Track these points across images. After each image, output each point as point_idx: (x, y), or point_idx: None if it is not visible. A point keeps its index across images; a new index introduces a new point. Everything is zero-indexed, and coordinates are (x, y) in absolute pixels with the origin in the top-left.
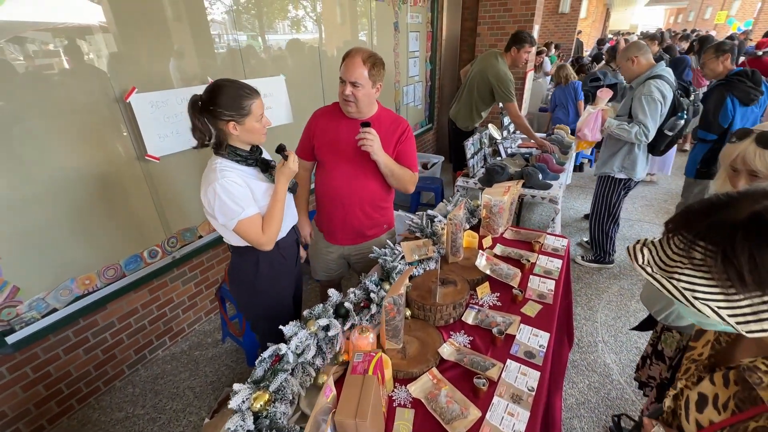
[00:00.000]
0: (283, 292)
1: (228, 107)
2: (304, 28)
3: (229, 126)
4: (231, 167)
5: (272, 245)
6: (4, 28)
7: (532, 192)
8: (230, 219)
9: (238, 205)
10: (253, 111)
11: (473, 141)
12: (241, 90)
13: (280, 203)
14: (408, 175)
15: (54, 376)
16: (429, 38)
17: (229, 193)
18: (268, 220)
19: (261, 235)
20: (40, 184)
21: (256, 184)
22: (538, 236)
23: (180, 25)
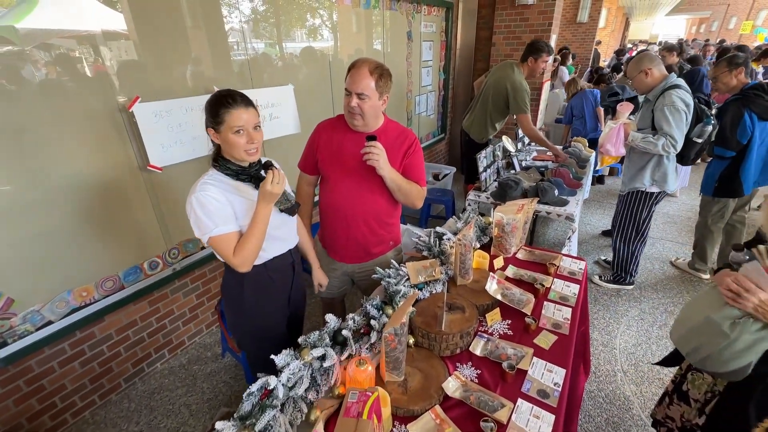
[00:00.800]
0: (272, 315)
1: (208, 112)
2: (317, 37)
3: (210, 132)
4: (217, 180)
5: (246, 267)
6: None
7: (547, 208)
8: (202, 233)
9: (211, 220)
10: (226, 120)
11: (486, 154)
12: (224, 98)
13: (257, 226)
14: (416, 191)
15: (48, 389)
16: (443, 47)
17: (204, 207)
18: (242, 242)
19: (232, 256)
20: (37, 192)
21: (240, 202)
22: (553, 258)
23: (187, 35)
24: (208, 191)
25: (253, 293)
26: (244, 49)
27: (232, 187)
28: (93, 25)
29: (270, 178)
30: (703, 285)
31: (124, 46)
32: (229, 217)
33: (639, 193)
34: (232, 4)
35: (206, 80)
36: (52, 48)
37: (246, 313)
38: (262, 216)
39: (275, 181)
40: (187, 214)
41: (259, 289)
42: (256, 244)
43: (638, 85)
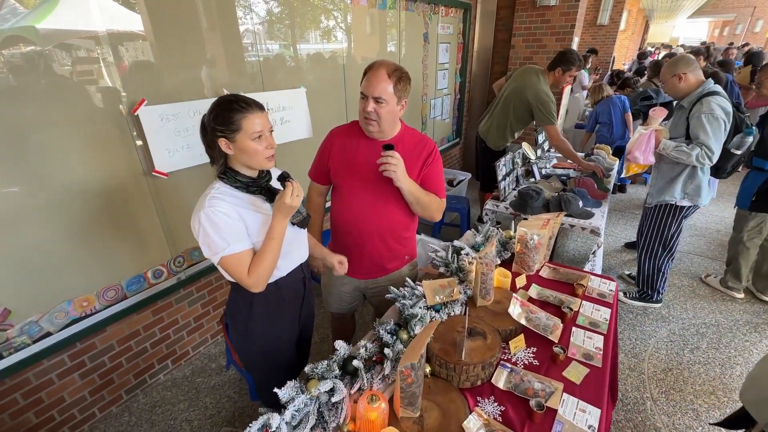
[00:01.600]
0: (281, 337)
1: (218, 121)
2: (331, 38)
3: (222, 143)
4: (226, 194)
5: (261, 287)
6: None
7: (571, 221)
8: (213, 253)
9: (223, 239)
10: (243, 127)
11: (505, 161)
12: (235, 103)
13: (273, 242)
14: (435, 203)
15: (46, 402)
16: (460, 50)
17: (214, 224)
18: (257, 260)
19: (246, 276)
20: (37, 198)
21: (253, 217)
22: (580, 277)
23: (201, 37)
24: (218, 207)
25: (263, 314)
26: (256, 51)
27: (243, 201)
28: (107, 26)
29: (289, 190)
30: (736, 304)
31: (135, 47)
32: (241, 235)
33: (668, 206)
34: (246, 6)
35: (216, 83)
36: (72, 48)
37: (254, 334)
38: (278, 231)
39: (295, 194)
40: (193, 232)
41: (269, 310)
42: (272, 262)
43: (671, 90)
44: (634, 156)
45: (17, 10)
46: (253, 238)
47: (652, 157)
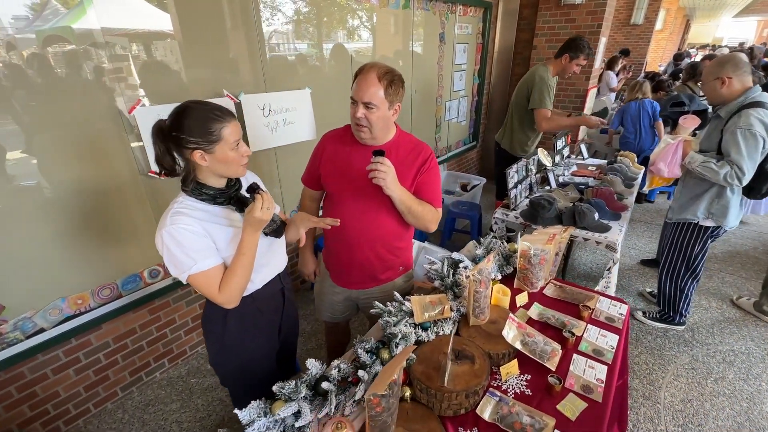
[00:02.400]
0: (259, 351)
1: (193, 132)
2: (337, 38)
3: (196, 156)
4: (190, 208)
5: (234, 304)
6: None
7: (585, 234)
8: (180, 272)
9: (189, 256)
10: (224, 137)
11: (518, 168)
12: (210, 112)
13: (244, 257)
14: (429, 213)
15: (40, 396)
16: (479, 50)
17: (178, 242)
18: (228, 276)
19: (217, 294)
20: (31, 196)
21: (221, 231)
22: (588, 297)
23: (208, 38)
24: (181, 223)
25: (238, 328)
26: (259, 52)
27: (209, 215)
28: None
29: (259, 203)
30: None
31: (133, 48)
32: (209, 250)
33: (689, 224)
34: (262, 6)
35: (215, 82)
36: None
37: (230, 349)
38: (249, 245)
39: (265, 206)
40: (159, 250)
41: (245, 324)
42: (244, 277)
43: (710, 95)
44: (657, 167)
45: (59, 10)
46: (223, 252)
47: (678, 170)
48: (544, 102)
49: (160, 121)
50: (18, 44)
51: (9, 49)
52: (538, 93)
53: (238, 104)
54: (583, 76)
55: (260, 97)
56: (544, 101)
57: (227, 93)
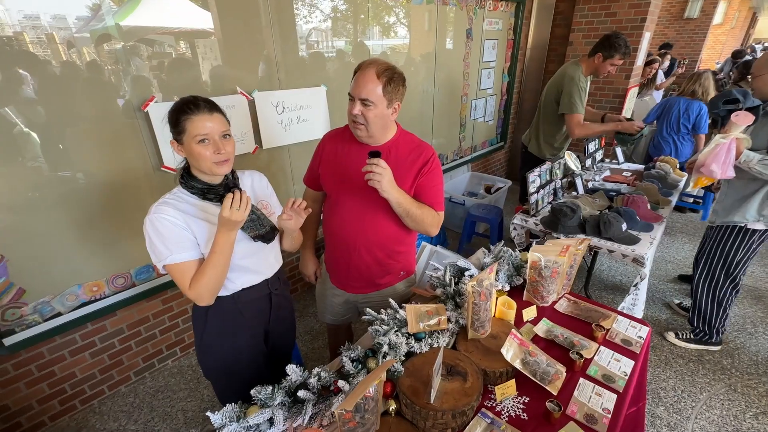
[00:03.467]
0: (240, 352)
1: (170, 122)
2: (355, 34)
3: (174, 145)
4: (179, 200)
5: (204, 302)
6: (130, 32)
7: (610, 245)
8: (157, 261)
9: (166, 246)
10: (187, 129)
11: (541, 172)
12: (185, 104)
13: (215, 255)
14: (429, 217)
15: (58, 375)
16: (509, 47)
17: (157, 231)
18: (200, 273)
19: (187, 288)
20: (52, 187)
21: (203, 227)
22: (603, 316)
23: (235, 33)
24: (164, 213)
25: (218, 328)
26: (273, 49)
27: (196, 209)
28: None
29: (228, 202)
30: None
31: (142, 44)
32: (186, 243)
33: (737, 228)
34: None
35: (229, 80)
36: (155, 43)
37: (210, 347)
38: (220, 245)
39: (234, 206)
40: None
41: (225, 324)
42: (216, 277)
43: (762, 89)
44: (710, 170)
45: (113, 9)
46: (203, 249)
47: (732, 171)
48: (575, 106)
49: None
50: (77, 43)
51: (69, 47)
52: (568, 96)
53: (252, 101)
54: (622, 74)
55: (275, 95)
56: (575, 105)
57: (240, 90)
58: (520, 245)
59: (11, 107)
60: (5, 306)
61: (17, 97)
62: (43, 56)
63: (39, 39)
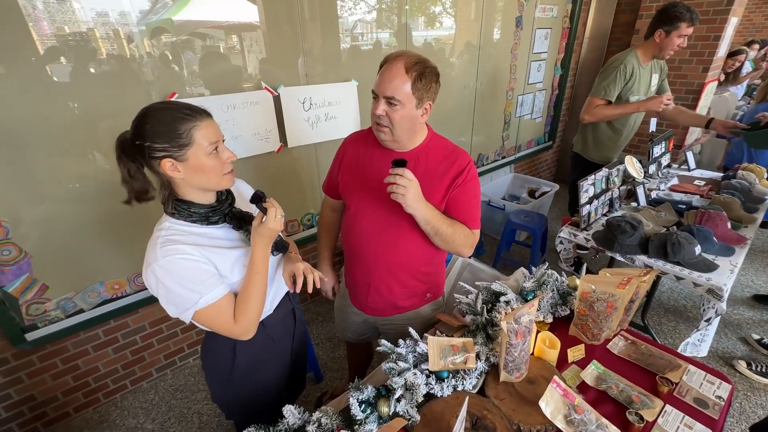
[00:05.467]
0: (270, 381)
1: (158, 137)
2: (388, 24)
3: (165, 166)
4: (182, 233)
5: (251, 334)
6: (182, 26)
7: (679, 271)
8: (184, 310)
9: (192, 290)
10: (196, 139)
11: (595, 180)
12: (178, 111)
13: (258, 276)
14: (461, 236)
15: (82, 369)
16: (564, 36)
17: (176, 276)
18: (243, 303)
19: (233, 325)
20: (76, 186)
21: (222, 256)
22: (671, 365)
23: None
24: (176, 253)
25: (248, 361)
26: (302, 42)
27: (204, 238)
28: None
29: (273, 212)
30: None
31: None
32: (214, 279)
33: None
34: None
35: (252, 75)
36: (206, 37)
37: (239, 384)
38: (263, 261)
39: (279, 214)
40: (150, 290)
41: (256, 356)
42: (261, 300)
43: None
44: None
45: (168, 4)
46: (229, 279)
47: None
48: (597, 89)
49: (123, 133)
50: (134, 37)
51: (129, 41)
52: (599, 78)
53: (277, 97)
54: (699, 67)
55: (301, 90)
56: (599, 88)
57: (265, 86)
58: (566, 261)
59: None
60: (29, 301)
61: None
62: (109, 50)
63: (107, 34)
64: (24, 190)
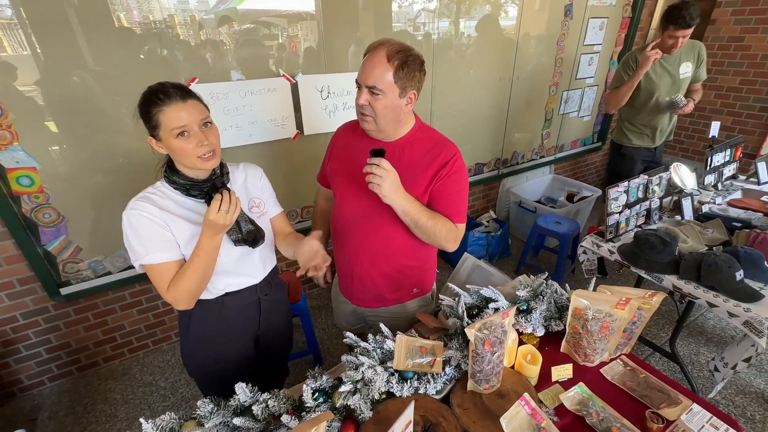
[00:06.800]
0: (224, 359)
1: (142, 117)
2: (416, 12)
3: (152, 142)
4: (160, 195)
5: (183, 305)
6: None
7: (712, 297)
8: (134, 260)
9: (142, 245)
10: (162, 122)
11: (629, 187)
12: (153, 95)
13: (198, 259)
14: (443, 229)
15: (110, 325)
16: (624, 27)
17: (134, 228)
18: (180, 276)
19: (165, 291)
20: (109, 159)
21: (184, 227)
22: (671, 400)
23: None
24: (142, 209)
25: (200, 333)
26: (315, 32)
27: (177, 206)
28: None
29: (216, 204)
30: None
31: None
32: (165, 243)
33: None
34: None
35: (267, 64)
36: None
37: (192, 351)
38: (205, 248)
39: (224, 209)
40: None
41: (208, 329)
42: (196, 281)
43: None
44: None
45: None
46: (184, 249)
47: None
48: (616, 80)
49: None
50: (205, 24)
51: (200, 28)
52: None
53: (294, 84)
54: None
55: (319, 79)
56: (615, 80)
57: (283, 73)
58: (588, 273)
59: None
60: (65, 260)
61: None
62: (184, 36)
63: (185, 21)
64: (70, 161)
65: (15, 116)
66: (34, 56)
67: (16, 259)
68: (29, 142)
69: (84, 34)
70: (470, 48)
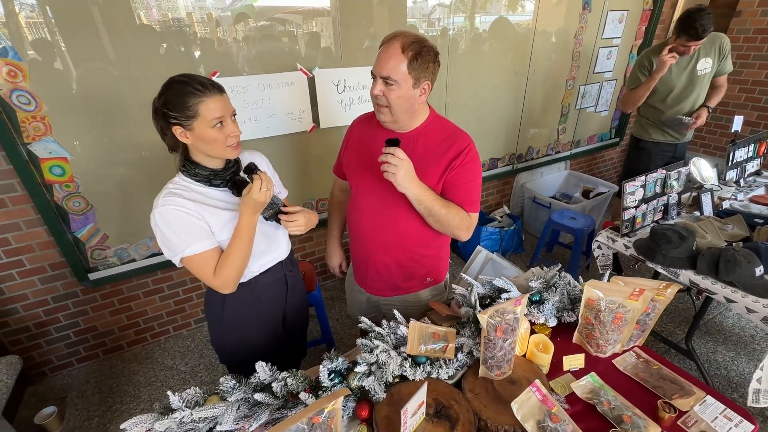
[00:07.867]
0: (256, 340)
1: (172, 107)
2: (431, 6)
3: (177, 132)
4: (185, 189)
5: (230, 289)
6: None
7: (730, 293)
8: (173, 254)
9: (181, 238)
10: (201, 113)
11: (646, 182)
12: (190, 85)
13: (241, 240)
14: (456, 218)
15: (134, 311)
16: (644, 20)
17: (169, 223)
18: (224, 260)
19: (212, 278)
20: (133, 151)
21: (215, 215)
22: (684, 391)
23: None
24: (174, 203)
25: (235, 316)
26: (331, 28)
27: (204, 197)
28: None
29: (258, 184)
30: None
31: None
32: (203, 232)
33: None
34: None
35: (288, 58)
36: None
37: (226, 335)
38: (247, 229)
39: (264, 187)
40: (153, 231)
41: (242, 312)
42: (241, 262)
43: None
44: None
45: None
46: (218, 236)
47: None
48: (631, 81)
49: (155, 98)
50: (222, 21)
51: (217, 25)
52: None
53: (311, 78)
54: None
55: (335, 73)
56: (631, 81)
57: (300, 66)
58: (603, 268)
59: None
60: (93, 247)
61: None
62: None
63: (202, 19)
64: (98, 153)
65: (48, 109)
66: (62, 53)
67: (48, 245)
68: (61, 133)
69: (106, 32)
70: (485, 42)
